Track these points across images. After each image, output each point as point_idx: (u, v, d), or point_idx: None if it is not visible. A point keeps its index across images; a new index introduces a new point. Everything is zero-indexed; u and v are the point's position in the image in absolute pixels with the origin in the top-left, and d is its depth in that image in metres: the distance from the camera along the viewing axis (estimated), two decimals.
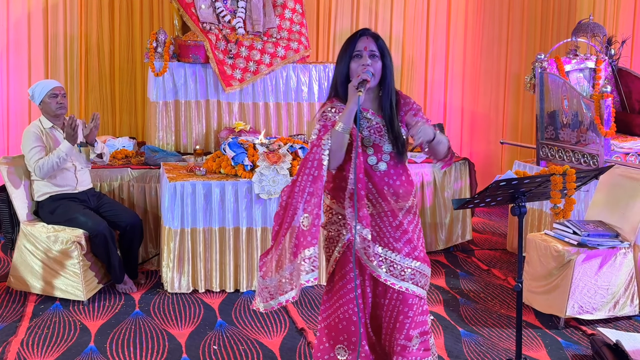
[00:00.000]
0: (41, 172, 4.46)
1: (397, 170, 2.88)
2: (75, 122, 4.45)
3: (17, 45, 6.19)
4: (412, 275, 2.89)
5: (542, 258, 4.31)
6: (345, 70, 2.84)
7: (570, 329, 4.19)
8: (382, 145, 2.85)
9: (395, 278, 2.87)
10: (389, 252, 2.87)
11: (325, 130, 2.79)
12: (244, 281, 4.73)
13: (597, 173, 3.26)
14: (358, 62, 2.81)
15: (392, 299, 2.91)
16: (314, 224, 2.74)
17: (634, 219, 4.22)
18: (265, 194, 4.64)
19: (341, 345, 2.95)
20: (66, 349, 3.82)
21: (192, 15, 5.62)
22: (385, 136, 2.85)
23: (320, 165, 2.73)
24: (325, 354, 2.98)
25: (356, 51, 2.82)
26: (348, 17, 6.97)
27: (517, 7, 7.32)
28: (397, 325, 2.91)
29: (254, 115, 5.74)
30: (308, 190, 2.75)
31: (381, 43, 2.85)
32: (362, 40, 2.83)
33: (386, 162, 2.86)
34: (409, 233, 2.90)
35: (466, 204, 3.10)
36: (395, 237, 2.88)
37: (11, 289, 4.61)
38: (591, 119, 4.94)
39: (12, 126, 6.24)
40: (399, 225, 2.88)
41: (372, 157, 2.84)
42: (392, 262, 2.87)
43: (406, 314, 2.90)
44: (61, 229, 4.47)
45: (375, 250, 2.85)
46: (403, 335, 2.90)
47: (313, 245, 2.73)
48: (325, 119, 2.83)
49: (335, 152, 2.75)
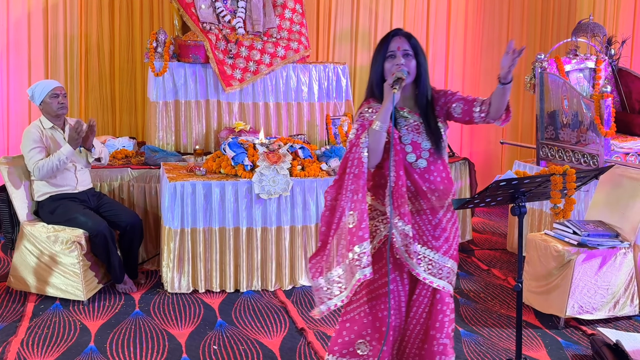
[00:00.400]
0: (40, 173, 4.46)
1: (437, 166, 2.90)
2: (81, 127, 4.44)
3: (17, 45, 6.18)
4: (448, 274, 2.92)
5: (542, 258, 4.31)
6: (380, 70, 2.87)
7: (570, 329, 4.19)
8: (421, 143, 2.88)
9: (433, 276, 2.90)
10: (428, 251, 2.90)
11: (363, 129, 2.83)
12: (244, 281, 4.73)
13: (597, 173, 3.26)
14: (392, 62, 2.84)
15: (422, 295, 2.92)
16: (362, 219, 2.77)
17: (634, 219, 4.22)
18: (265, 193, 4.64)
19: (363, 340, 2.93)
20: (66, 349, 3.82)
21: (192, 15, 5.62)
22: (423, 133, 2.88)
23: (361, 163, 2.78)
24: (343, 347, 2.96)
25: (390, 51, 2.85)
26: (348, 17, 6.97)
27: (517, 7, 7.32)
28: (437, 325, 2.92)
29: (254, 115, 5.74)
30: (351, 188, 2.81)
31: (414, 42, 2.87)
32: (395, 40, 2.86)
33: (425, 159, 2.88)
34: (447, 231, 2.92)
35: (466, 204, 3.10)
36: (434, 236, 2.90)
37: (11, 289, 4.61)
38: (591, 119, 4.94)
39: (12, 126, 6.24)
40: (438, 224, 2.90)
41: (411, 154, 2.86)
42: (430, 260, 2.89)
43: (444, 312, 2.93)
44: (61, 229, 4.47)
45: (415, 248, 2.87)
46: (444, 334, 2.93)
47: (364, 240, 2.76)
48: (362, 119, 2.88)
49: (373, 151, 2.79)
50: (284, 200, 4.71)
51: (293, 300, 4.58)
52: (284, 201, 4.71)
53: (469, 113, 2.87)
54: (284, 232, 4.74)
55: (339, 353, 2.97)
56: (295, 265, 4.80)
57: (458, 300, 4.64)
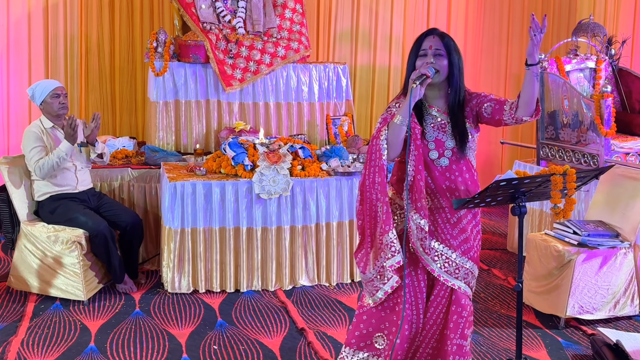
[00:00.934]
0: (41, 172, 4.46)
1: (460, 166, 2.92)
2: (75, 122, 4.44)
3: (18, 45, 6.18)
4: (465, 275, 2.93)
5: (542, 258, 4.31)
6: (412, 68, 2.90)
7: (571, 329, 4.19)
8: (445, 141, 2.90)
9: (448, 275, 2.91)
10: (445, 249, 2.91)
11: (385, 122, 2.88)
12: (244, 281, 4.73)
13: (597, 173, 3.25)
14: (423, 60, 2.87)
15: (440, 295, 2.94)
16: (385, 211, 2.83)
17: (634, 219, 4.22)
18: (265, 193, 4.64)
19: (381, 333, 2.95)
20: (66, 349, 3.82)
21: (193, 15, 5.62)
22: (448, 132, 2.90)
23: (381, 155, 2.83)
24: (360, 340, 2.98)
25: (422, 50, 2.89)
26: (348, 17, 6.97)
27: (517, 7, 7.32)
28: (451, 325, 2.93)
29: (254, 115, 5.74)
30: (377, 180, 2.86)
31: (447, 41, 2.89)
32: (428, 39, 2.89)
33: (448, 158, 2.91)
34: (467, 232, 2.94)
35: (466, 204, 3.10)
36: (452, 235, 2.92)
37: (11, 289, 4.61)
38: (591, 119, 4.94)
39: (13, 126, 6.24)
40: (457, 223, 2.92)
41: (434, 151, 2.90)
42: (447, 258, 2.91)
43: (460, 314, 2.93)
44: (61, 228, 4.47)
45: (432, 244, 2.89)
46: (459, 334, 2.93)
47: (389, 231, 2.82)
48: (388, 112, 2.92)
49: (392, 144, 2.84)
50: (284, 200, 4.71)
51: (293, 300, 4.58)
52: (284, 201, 4.71)
53: (499, 112, 2.88)
54: (284, 232, 4.74)
55: (357, 346, 2.99)
56: (296, 265, 4.80)
57: None
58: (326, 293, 4.72)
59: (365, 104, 7.17)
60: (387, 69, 7.16)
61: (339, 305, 4.51)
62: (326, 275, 4.87)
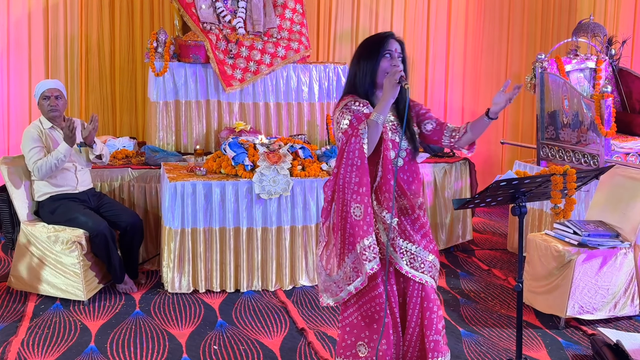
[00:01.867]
0: (40, 173, 4.46)
1: (411, 166, 2.99)
2: (73, 123, 4.43)
3: (18, 45, 6.19)
4: (430, 268, 2.97)
5: (542, 258, 4.31)
6: (374, 68, 2.91)
7: (571, 329, 4.19)
8: (399, 142, 2.92)
9: (415, 270, 2.94)
10: (409, 244, 2.95)
11: (359, 120, 2.83)
12: (244, 281, 4.73)
13: (597, 173, 3.26)
14: (389, 61, 2.90)
15: (414, 295, 2.96)
16: (367, 213, 2.81)
17: (635, 219, 4.22)
18: (265, 194, 4.64)
19: (362, 342, 2.97)
20: (66, 349, 3.82)
21: (193, 15, 5.62)
22: (401, 134, 2.92)
23: (362, 154, 2.80)
24: (347, 350, 3.01)
25: (388, 50, 2.91)
26: (348, 17, 6.97)
27: (518, 7, 7.32)
28: (426, 322, 2.96)
29: (254, 115, 5.74)
30: (354, 180, 2.82)
31: (404, 47, 2.97)
32: (392, 42, 2.93)
33: (402, 158, 2.95)
34: (425, 227, 2.99)
35: (466, 204, 3.10)
36: (414, 229, 2.96)
37: (12, 289, 4.61)
38: (592, 119, 4.94)
39: (13, 126, 6.24)
40: (417, 219, 2.97)
41: (391, 151, 2.91)
42: (412, 254, 2.94)
43: (431, 309, 2.96)
44: (61, 229, 4.47)
45: (398, 242, 2.92)
46: (433, 330, 2.96)
47: (370, 233, 2.81)
48: (351, 111, 2.88)
49: (370, 143, 2.81)
50: (284, 200, 4.71)
51: (293, 300, 4.58)
52: (285, 201, 4.71)
53: (438, 134, 2.99)
54: (285, 232, 4.74)
55: (344, 355, 3.02)
56: (296, 265, 4.80)
57: (459, 300, 4.65)
58: None
59: None
60: None
61: (338, 305, 4.51)
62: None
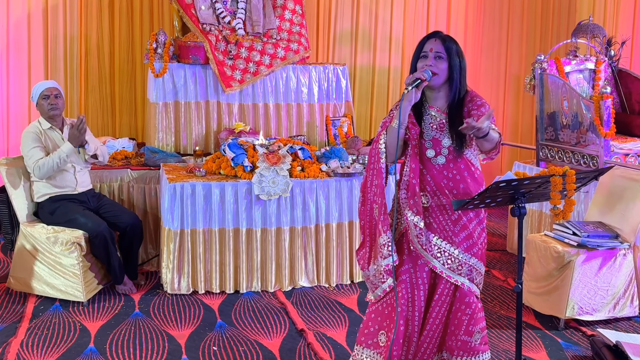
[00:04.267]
0: (40, 172, 4.46)
1: (457, 165, 2.97)
2: (83, 124, 4.44)
3: (17, 45, 6.19)
4: (469, 272, 2.97)
5: (542, 259, 4.31)
6: (414, 70, 2.97)
7: (570, 330, 4.19)
8: (441, 140, 2.96)
9: (452, 272, 2.95)
10: (447, 245, 2.95)
11: (384, 127, 2.98)
12: (243, 282, 4.72)
13: (596, 174, 3.25)
14: (423, 62, 2.93)
15: (444, 294, 2.97)
16: (382, 212, 2.92)
17: (634, 220, 4.22)
18: (265, 195, 4.64)
19: (383, 331, 3.01)
20: (66, 350, 3.82)
21: (192, 16, 5.62)
22: (445, 131, 2.95)
23: (379, 159, 2.95)
24: (369, 338, 3.06)
25: (423, 52, 2.95)
26: (348, 18, 6.98)
27: (517, 8, 7.32)
28: (456, 322, 2.98)
29: (253, 116, 5.74)
30: (375, 182, 2.97)
31: (448, 44, 2.93)
32: (430, 41, 2.95)
33: (445, 156, 2.96)
34: (469, 229, 2.98)
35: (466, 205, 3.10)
36: (454, 231, 2.96)
37: (11, 290, 4.61)
38: (591, 120, 4.94)
39: (12, 127, 6.24)
40: (458, 220, 2.97)
41: (431, 150, 2.96)
42: (449, 255, 2.95)
43: (464, 312, 2.97)
44: (61, 229, 4.47)
45: (433, 240, 2.94)
46: (462, 331, 2.97)
47: (384, 232, 2.91)
48: (389, 116, 3.02)
49: (390, 147, 2.93)
50: (283, 201, 4.71)
51: (293, 301, 4.58)
52: (284, 202, 4.71)
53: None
54: (284, 233, 4.74)
55: (365, 344, 3.07)
56: (295, 266, 4.80)
57: None
58: (326, 294, 4.72)
59: (365, 105, 7.17)
60: (387, 70, 7.16)
61: (338, 306, 4.51)
62: (326, 276, 4.87)
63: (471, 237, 2.97)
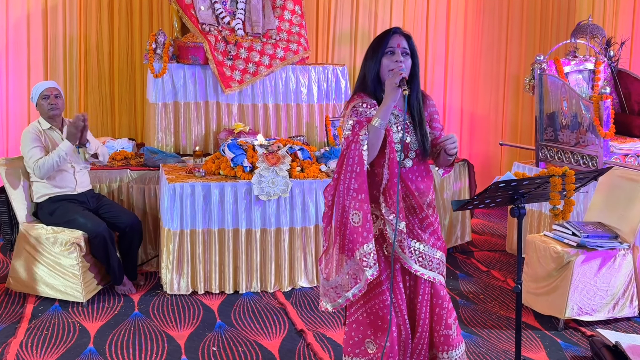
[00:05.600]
0: (40, 172, 4.45)
1: (420, 167, 2.94)
2: (85, 122, 4.44)
3: (17, 46, 6.18)
4: (438, 265, 2.97)
5: (541, 259, 4.31)
6: (377, 66, 2.88)
7: (570, 331, 4.19)
8: (409, 142, 2.90)
9: (424, 268, 2.93)
10: (417, 244, 2.93)
11: (360, 125, 2.81)
12: (243, 282, 4.72)
13: (596, 174, 3.25)
14: (391, 58, 2.85)
15: (425, 293, 2.96)
16: (366, 219, 2.77)
17: (633, 220, 4.23)
18: (264, 195, 4.64)
19: (369, 339, 2.98)
20: (65, 351, 3.82)
21: (192, 16, 5.62)
22: (412, 133, 2.90)
23: (362, 160, 2.77)
24: (356, 347, 3.01)
25: (389, 47, 2.86)
26: (347, 19, 6.98)
27: (517, 9, 7.32)
28: (435, 318, 2.97)
29: (253, 116, 5.74)
30: (353, 187, 2.79)
31: (412, 42, 2.90)
32: (394, 37, 2.87)
33: (412, 159, 2.91)
34: (434, 225, 2.97)
35: (465, 205, 3.10)
36: (422, 228, 2.94)
37: (10, 291, 4.61)
38: (590, 121, 4.94)
39: (12, 127, 6.23)
40: (425, 218, 2.95)
41: (399, 153, 2.87)
42: (420, 252, 2.93)
43: (441, 305, 2.97)
44: (60, 230, 4.47)
45: (408, 242, 2.90)
46: (443, 325, 2.97)
47: (369, 240, 2.78)
48: (357, 114, 2.86)
49: (371, 147, 2.79)
50: (283, 202, 4.71)
51: (292, 301, 4.58)
52: (283, 202, 4.71)
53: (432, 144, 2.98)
54: (283, 233, 4.74)
55: (353, 353, 3.02)
56: (295, 267, 4.80)
57: (457, 301, 4.64)
58: None
59: None
60: None
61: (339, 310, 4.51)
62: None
63: (436, 232, 2.98)
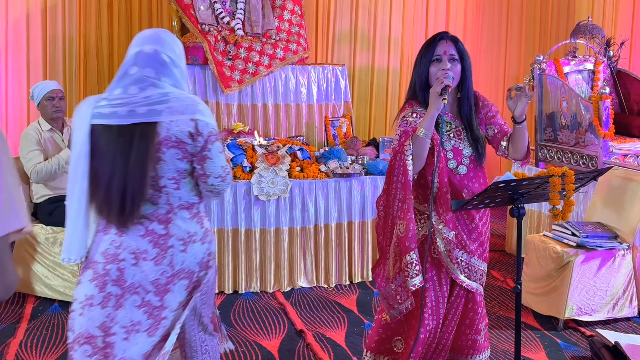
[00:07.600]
0: (38, 177, 4.44)
1: (477, 173, 2.90)
2: None
3: (16, 46, 6.18)
4: (481, 276, 2.97)
5: (541, 259, 4.31)
6: (425, 74, 2.83)
7: (569, 331, 4.19)
8: (462, 149, 2.87)
9: (468, 279, 2.93)
10: (465, 255, 2.91)
11: (407, 135, 2.79)
12: (242, 283, 4.72)
13: (595, 174, 3.25)
14: (438, 66, 2.79)
15: (459, 296, 2.94)
16: (409, 229, 2.74)
17: (633, 220, 4.23)
18: (264, 195, 4.64)
19: (400, 337, 2.97)
20: (65, 351, 3.81)
21: (191, 16, 5.62)
22: (465, 140, 2.87)
23: (406, 171, 2.74)
24: (380, 344, 3.01)
25: (436, 55, 2.80)
26: (347, 19, 6.98)
27: (516, 9, 7.32)
28: (467, 322, 2.98)
29: (252, 116, 5.74)
30: (399, 197, 2.78)
31: (460, 46, 2.84)
32: (441, 43, 2.81)
33: (466, 166, 2.88)
34: (483, 235, 2.95)
35: (465, 205, 3.10)
36: (471, 240, 2.91)
37: None
38: (590, 121, 4.94)
39: (11, 128, 6.23)
40: (475, 228, 2.92)
41: (452, 160, 2.85)
42: (467, 263, 2.91)
43: (476, 311, 2.98)
44: (60, 230, 4.47)
45: (456, 254, 2.87)
46: (474, 330, 2.98)
47: (412, 249, 2.74)
48: (405, 123, 2.83)
49: (418, 157, 2.75)
50: (282, 202, 4.71)
51: (292, 301, 4.58)
52: (283, 202, 4.71)
53: (497, 142, 2.93)
54: (283, 233, 4.74)
55: (377, 350, 3.02)
56: (294, 267, 4.80)
57: None
58: (325, 295, 4.72)
59: (364, 106, 7.17)
60: (386, 70, 7.16)
61: (337, 307, 4.51)
62: (325, 276, 4.87)
63: (483, 243, 2.95)
